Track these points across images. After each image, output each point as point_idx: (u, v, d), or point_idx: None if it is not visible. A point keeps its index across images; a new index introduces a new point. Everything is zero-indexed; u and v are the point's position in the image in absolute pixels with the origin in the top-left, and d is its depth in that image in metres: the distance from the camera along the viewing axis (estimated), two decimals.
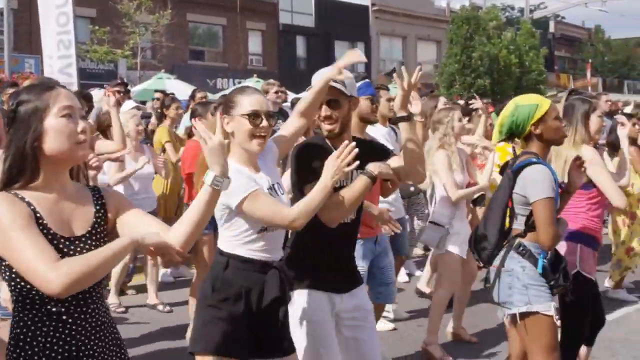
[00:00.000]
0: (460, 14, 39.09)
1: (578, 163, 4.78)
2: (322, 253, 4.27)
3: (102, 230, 2.93)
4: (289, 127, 4.28)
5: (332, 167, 3.70)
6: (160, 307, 8.45)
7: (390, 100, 7.63)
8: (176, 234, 2.90)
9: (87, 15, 28.58)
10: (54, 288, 2.57)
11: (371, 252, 6.03)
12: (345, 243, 4.42)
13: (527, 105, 4.56)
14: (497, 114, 5.00)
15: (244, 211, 3.75)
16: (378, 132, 7.07)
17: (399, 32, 44.75)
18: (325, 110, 4.20)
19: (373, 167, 4.08)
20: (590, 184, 5.17)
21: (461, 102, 12.65)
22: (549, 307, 4.43)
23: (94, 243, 2.85)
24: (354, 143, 3.76)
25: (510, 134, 4.66)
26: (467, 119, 8.49)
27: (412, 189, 8.78)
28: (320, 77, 4.14)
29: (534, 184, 4.38)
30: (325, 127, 4.23)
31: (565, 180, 5.16)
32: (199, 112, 7.51)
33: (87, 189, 3.00)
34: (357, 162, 3.71)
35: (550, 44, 56.08)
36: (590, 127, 5.24)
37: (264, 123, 3.86)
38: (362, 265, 5.82)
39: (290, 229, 3.88)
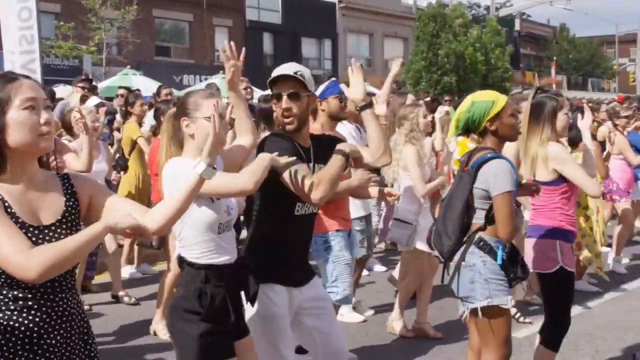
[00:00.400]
0: (426, 12, 39.30)
1: (534, 189, 4.96)
2: (284, 246, 4.33)
3: (74, 219, 2.93)
4: (236, 142, 4.34)
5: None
6: (126, 299, 8.49)
7: None
8: (155, 217, 2.94)
9: (52, 11, 28.32)
10: (29, 274, 2.59)
11: (345, 241, 6.10)
12: (304, 236, 4.50)
13: (483, 101, 4.62)
14: (455, 108, 5.06)
15: (203, 192, 3.72)
16: (345, 129, 7.11)
17: (366, 29, 44.87)
18: (285, 103, 4.21)
19: (344, 147, 4.19)
20: (560, 180, 5.22)
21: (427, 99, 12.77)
22: (506, 300, 4.50)
23: (64, 232, 2.84)
24: (294, 158, 3.96)
25: (467, 129, 4.72)
26: (432, 116, 8.55)
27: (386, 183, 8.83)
28: (275, 72, 4.30)
29: (496, 178, 4.44)
30: (284, 121, 4.26)
31: (533, 178, 5.26)
32: (162, 110, 7.49)
33: (57, 178, 2.99)
34: (294, 158, 3.91)
35: (516, 41, 56.55)
36: (557, 124, 5.28)
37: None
38: (346, 255, 5.91)
39: (246, 192, 3.94)
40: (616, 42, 71.08)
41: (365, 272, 9.96)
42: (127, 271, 9.60)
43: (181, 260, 4.03)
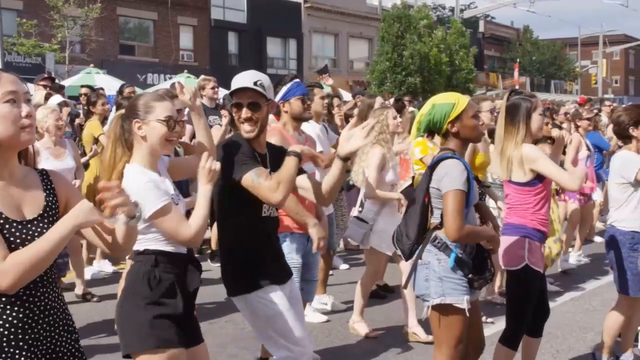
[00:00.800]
0: (391, 12, 39.45)
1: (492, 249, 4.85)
2: (260, 249, 4.48)
3: (54, 214, 2.94)
4: (193, 159, 4.39)
5: (204, 173, 3.89)
6: (88, 297, 8.59)
7: (324, 98, 7.75)
8: (120, 244, 3.08)
9: (14, 8, 27.99)
10: (2, 286, 2.65)
11: (302, 247, 6.08)
12: (274, 237, 4.67)
13: (443, 104, 4.65)
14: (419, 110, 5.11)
15: (153, 222, 3.85)
16: (311, 129, 7.15)
17: (331, 29, 44.89)
18: (245, 113, 4.39)
19: (296, 148, 4.34)
20: (537, 180, 5.26)
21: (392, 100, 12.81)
22: (461, 300, 4.49)
23: (46, 226, 2.85)
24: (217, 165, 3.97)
25: (430, 131, 4.75)
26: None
27: (350, 182, 8.85)
28: (235, 82, 4.44)
29: (446, 176, 4.46)
30: (245, 128, 4.41)
31: (508, 178, 5.32)
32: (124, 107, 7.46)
33: (36, 173, 3.01)
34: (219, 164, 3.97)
35: (480, 43, 57.01)
36: (532, 125, 5.29)
37: (177, 128, 4.05)
38: (295, 258, 5.92)
39: (191, 245, 3.97)
40: (579, 44, 71.87)
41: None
42: (88, 272, 9.54)
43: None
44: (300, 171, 4.53)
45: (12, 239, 2.74)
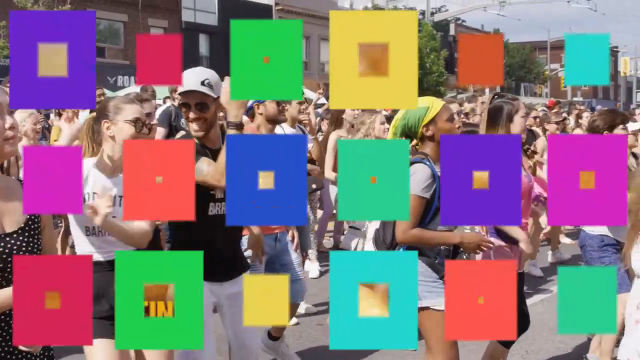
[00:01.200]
0: None
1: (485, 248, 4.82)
2: (201, 246, 4.43)
3: (36, 227, 2.92)
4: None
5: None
6: None
7: (301, 103, 7.78)
8: None
9: None
10: None
11: (270, 248, 6.05)
12: (224, 234, 4.60)
13: (417, 108, 4.66)
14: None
15: None
16: (281, 132, 7.15)
17: (303, 32, 44.89)
18: (193, 114, 4.44)
19: (234, 118, 4.28)
20: None
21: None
22: (439, 302, 4.50)
23: (25, 240, 2.83)
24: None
25: (407, 136, 4.76)
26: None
27: (313, 185, 8.87)
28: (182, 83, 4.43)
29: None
30: (194, 127, 4.47)
31: None
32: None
33: (19, 184, 2.97)
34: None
35: (451, 46, 57.24)
36: (514, 128, 5.31)
37: (145, 130, 4.17)
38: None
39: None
40: (548, 48, 72.47)
41: (316, 274, 10.01)
42: None
43: None
44: None
45: None
